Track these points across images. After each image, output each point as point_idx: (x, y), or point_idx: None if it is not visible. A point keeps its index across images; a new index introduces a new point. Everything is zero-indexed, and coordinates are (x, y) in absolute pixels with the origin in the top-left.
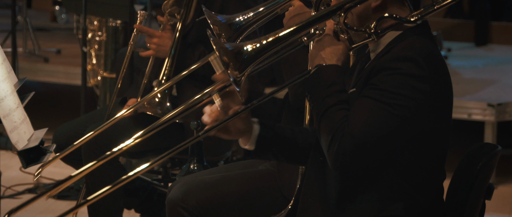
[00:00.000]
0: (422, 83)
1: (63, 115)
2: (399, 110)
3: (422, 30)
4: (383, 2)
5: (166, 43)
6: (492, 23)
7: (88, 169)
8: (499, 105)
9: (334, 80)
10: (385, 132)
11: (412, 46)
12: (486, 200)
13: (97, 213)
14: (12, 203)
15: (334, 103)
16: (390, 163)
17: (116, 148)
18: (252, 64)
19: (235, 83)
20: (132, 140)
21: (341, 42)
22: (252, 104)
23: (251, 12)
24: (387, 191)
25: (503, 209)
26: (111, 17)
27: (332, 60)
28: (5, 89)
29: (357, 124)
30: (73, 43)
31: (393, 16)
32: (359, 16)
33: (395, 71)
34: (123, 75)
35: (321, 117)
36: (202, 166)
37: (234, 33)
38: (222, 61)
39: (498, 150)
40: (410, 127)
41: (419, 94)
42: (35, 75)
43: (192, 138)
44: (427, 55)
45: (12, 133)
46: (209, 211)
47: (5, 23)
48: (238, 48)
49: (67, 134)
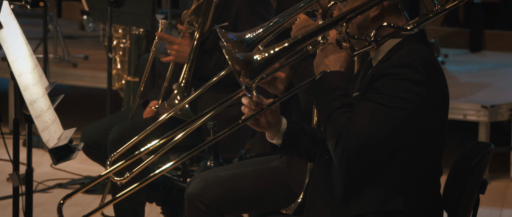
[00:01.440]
0: (420, 87)
1: (90, 116)
2: (399, 112)
3: (419, 37)
4: (381, 12)
5: (185, 49)
6: (486, 31)
7: (117, 168)
8: (492, 107)
9: (338, 85)
10: (386, 133)
11: (410, 53)
12: (480, 194)
13: (121, 206)
14: (44, 196)
15: (338, 106)
16: (391, 161)
17: (143, 148)
18: (262, 72)
19: (246, 90)
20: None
21: (343, 50)
22: (280, 99)
23: (260, 29)
24: (388, 187)
25: (495, 202)
26: (134, 26)
27: (335, 67)
28: (37, 92)
29: (361, 126)
30: (100, 50)
31: (391, 25)
32: (359, 26)
33: (395, 76)
34: (145, 79)
35: (327, 119)
36: (218, 163)
37: (246, 49)
38: (234, 69)
39: (491, 149)
40: (410, 128)
41: (417, 97)
42: (65, 79)
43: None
44: (424, 61)
45: (43, 132)
46: (225, 205)
47: (38, 31)
48: (248, 57)
49: (94, 134)
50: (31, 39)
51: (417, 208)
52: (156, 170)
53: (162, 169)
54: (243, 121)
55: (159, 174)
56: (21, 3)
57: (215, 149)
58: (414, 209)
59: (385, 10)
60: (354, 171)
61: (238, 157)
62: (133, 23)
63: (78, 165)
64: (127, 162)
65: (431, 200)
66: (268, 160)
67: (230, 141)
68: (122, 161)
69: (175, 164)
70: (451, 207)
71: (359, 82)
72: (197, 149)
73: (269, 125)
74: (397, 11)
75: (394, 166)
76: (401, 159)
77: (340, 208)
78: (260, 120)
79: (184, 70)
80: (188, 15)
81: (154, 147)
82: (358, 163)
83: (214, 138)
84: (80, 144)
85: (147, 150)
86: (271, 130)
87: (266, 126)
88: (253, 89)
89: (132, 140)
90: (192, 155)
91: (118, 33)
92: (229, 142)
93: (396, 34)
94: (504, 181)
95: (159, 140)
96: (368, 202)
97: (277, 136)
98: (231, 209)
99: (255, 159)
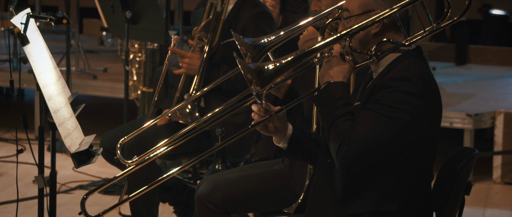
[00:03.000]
0: (416, 99)
1: (109, 123)
2: (397, 122)
3: (416, 53)
4: (382, 29)
5: (195, 62)
6: (470, 46)
7: (131, 170)
8: (476, 115)
9: (341, 95)
10: (384, 140)
11: (408, 67)
12: (465, 195)
13: (137, 206)
14: (66, 197)
15: (341, 115)
16: (387, 166)
17: (155, 152)
18: (272, 81)
19: (257, 97)
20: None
21: (346, 63)
22: (287, 106)
23: (273, 36)
24: (384, 189)
25: (479, 203)
26: (149, 41)
27: (339, 78)
28: (60, 101)
29: (362, 133)
30: (117, 63)
31: (390, 40)
32: (361, 41)
33: (394, 89)
34: (159, 89)
35: (330, 126)
36: (225, 166)
37: (258, 53)
38: (246, 78)
39: (476, 154)
40: (406, 136)
41: (413, 109)
42: (85, 90)
43: (240, 132)
44: (421, 76)
45: (66, 138)
46: (231, 204)
47: (61, 46)
48: (260, 67)
49: (112, 140)
50: (55, 53)
51: (409, 210)
52: (169, 172)
53: (173, 171)
54: (253, 126)
55: (170, 176)
56: (46, 20)
57: (222, 154)
58: (407, 211)
59: (385, 27)
60: (354, 174)
61: (244, 161)
62: (148, 39)
63: (98, 168)
64: (142, 165)
65: (423, 202)
66: (271, 164)
67: (236, 146)
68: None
69: (185, 166)
70: (439, 207)
71: (360, 92)
72: (206, 154)
73: (276, 130)
74: (397, 28)
75: (390, 170)
76: (397, 165)
77: (339, 208)
78: (268, 126)
79: (195, 82)
80: (198, 31)
81: (166, 150)
82: (358, 167)
83: (222, 143)
84: (99, 149)
85: (161, 153)
86: (278, 135)
87: (273, 131)
88: (263, 96)
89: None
90: (202, 159)
91: (134, 47)
92: (236, 147)
93: (395, 49)
94: (487, 183)
95: (168, 140)
96: (365, 203)
97: (284, 140)
98: (237, 209)
99: (259, 162)
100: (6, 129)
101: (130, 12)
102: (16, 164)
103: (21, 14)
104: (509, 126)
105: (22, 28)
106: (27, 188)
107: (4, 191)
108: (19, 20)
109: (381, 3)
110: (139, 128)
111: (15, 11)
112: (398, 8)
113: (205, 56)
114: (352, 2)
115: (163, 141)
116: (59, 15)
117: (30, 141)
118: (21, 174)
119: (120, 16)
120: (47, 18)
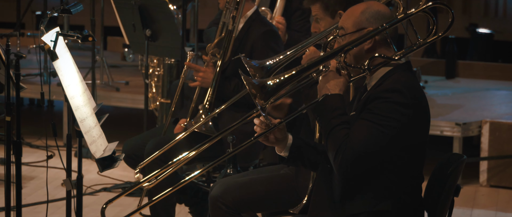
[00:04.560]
0: (406, 109)
1: (130, 131)
2: (389, 130)
3: (406, 67)
4: (374, 45)
5: (209, 76)
6: (459, 62)
7: (152, 177)
8: (464, 124)
9: (338, 106)
10: (378, 147)
11: (398, 80)
12: (454, 197)
13: (155, 206)
14: (92, 199)
15: (338, 124)
16: (381, 169)
17: (175, 159)
18: (274, 94)
19: (261, 110)
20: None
21: (342, 77)
22: (286, 119)
23: (277, 57)
24: (378, 191)
25: (467, 204)
26: (167, 56)
27: (335, 90)
28: (86, 111)
29: (356, 140)
30: (138, 77)
31: (381, 55)
32: (355, 56)
33: (386, 99)
34: (175, 100)
35: (328, 134)
36: (236, 171)
37: (265, 74)
38: (251, 93)
39: (464, 159)
40: (397, 142)
41: (403, 117)
42: (109, 101)
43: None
44: (410, 87)
45: (91, 145)
46: (242, 205)
47: (87, 61)
48: (262, 83)
49: (133, 146)
50: (82, 68)
51: (402, 209)
52: (186, 177)
53: (191, 176)
54: (255, 137)
55: (188, 180)
56: (74, 38)
57: (233, 159)
58: (400, 210)
59: (377, 43)
60: (350, 177)
61: (253, 165)
62: (166, 54)
63: (120, 172)
64: (161, 171)
65: (414, 202)
66: (278, 168)
67: (246, 152)
68: (158, 170)
69: (201, 172)
70: (430, 208)
71: (355, 103)
72: (219, 160)
73: (277, 140)
74: (387, 44)
75: (384, 173)
76: (389, 168)
77: (338, 208)
78: (270, 137)
79: (208, 93)
80: (212, 48)
81: (185, 158)
82: (354, 171)
83: (233, 151)
84: (122, 155)
85: (179, 160)
86: (279, 145)
87: (274, 142)
88: (267, 109)
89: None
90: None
91: (153, 62)
92: (246, 153)
93: (386, 63)
94: (474, 186)
95: (189, 152)
96: (361, 204)
97: (284, 149)
98: (247, 209)
99: (267, 167)
100: (37, 136)
101: (150, 30)
102: (46, 168)
103: (51, 32)
104: (494, 134)
105: (51, 45)
106: (56, 190)
107: (36, 193)
108: (49, 38)
109: (373, 21)
110: (170, 141)
111: (46, 29)
112: (388, 26)
113: (218, 70)
114: (347, 21)
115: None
116: (85, 33)
117: (59, 148)
118: (51, 177)
119: (141, 34)
120: (74, 36)
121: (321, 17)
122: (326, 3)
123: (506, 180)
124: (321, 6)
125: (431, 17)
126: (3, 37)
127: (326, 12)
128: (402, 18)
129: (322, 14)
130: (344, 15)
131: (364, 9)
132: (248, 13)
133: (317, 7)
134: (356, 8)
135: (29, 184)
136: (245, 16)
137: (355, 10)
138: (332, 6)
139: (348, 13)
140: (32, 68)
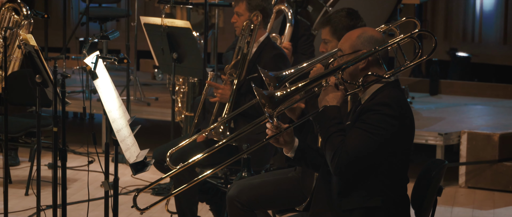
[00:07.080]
0: (394, 120)
1: (159, 140)
2: (379, 137)
3: (395, 84)
4: (367, 65)
5: (227, 93)
6: (441, 81)
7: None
8: (445, 134)
9: (335, 116)
10: (368, 152)
11: (388, 95)
12: (437, 196)
13: (181, 204)
14: (126, 198)
15: (335, 131)
16: (372, 171)
17: (191, 159)
18: (281, 104)
19: (269, 118)
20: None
21: (340, 91)
22: (294, 124)
23: (292, 69)
24: (370, 190)
25: (448, 202)
26: (191, 76)
27: (333, 103)
28: (121, 123)
29: (351, 146)
30: (166, 93)
31: (374, 74)
32: (351, 74)
33: (377, 111)
34: (198, 114)
35: (326, 140)
36: (250, 174)
37: (280, 83)
38: (261, 102)
39: (445, 164)
40: (385, 148)
41: (392, 127)
42: (141, 114)
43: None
44: (398, 102)
45: (126, 152)
46: (255, 204)
47: (122, 80)
48: (271, 93)
49: (162, 153)
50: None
51: (390, 205)
52: (205, 173)
53: (209, 172)
54: (267, 139)
55: (206, 175)
56: (111, 60)
57: (248, 164)
58: (388, 206)
59: (370, 63)
60: (345, 178)
61: (265, 169)
62: (190, 74)
63: (151, 175)
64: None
65: (400, 199)
66: (286, 172)
67: (259, 158)
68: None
69: (217, 169)
70: (417, 206)
71: (351, 114)
72: (233, 159)
73: (285, 142)
74: (379, 64)
75: (374, 175)
76: (379, 170)
77: (336, 204)
78: (280, 139)
79: (226, 107)
80: (229, 68)
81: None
82: (348, 173)
83: (246, 150)
84: (152, 160)
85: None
86: (287, 146)
87: (283, 143)
88: (274, 117)
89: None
90: (231, 167)
91: (179, 81)
92: (258, 159)
93: (378, 81)
94: (454, 187)
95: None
96: (355, 200)
97: (291, 150)
98: (260, 207)
99: (277, 171)
100: (79, 144)
101: (176, 53)
102: (87, 172)
103: (92, 55)
104: (471, 143)
105: (92, 67)
106: (96, 191)
107: (78, 193)
108: (90, 60)
109: (367, 44)
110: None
111: (88, 53)
112: (380, 48)
113: (235, 88)
114: (345, 44)
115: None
116: (121, 56)
117: (98, 154)
118: (91, 179)
119: (168, 56)
120: (112, 59)
121: (329, 40)
122: (334, 27)
123: (481, 182)
124: (330, 30)
125: (417, 43)
126: (51, 60)
127: (333, 36)
128: (392, 42)
129: (330, 37)
130: (342, 39)
131: (360, 33)
132: (260, 39)
133: (326, 31)
134: (353, 33)
135: (72, 186)
136: (258, 41)
137: (352, 34)
138: (339, 31)
139: (346, 37)
140: (76, 86)
